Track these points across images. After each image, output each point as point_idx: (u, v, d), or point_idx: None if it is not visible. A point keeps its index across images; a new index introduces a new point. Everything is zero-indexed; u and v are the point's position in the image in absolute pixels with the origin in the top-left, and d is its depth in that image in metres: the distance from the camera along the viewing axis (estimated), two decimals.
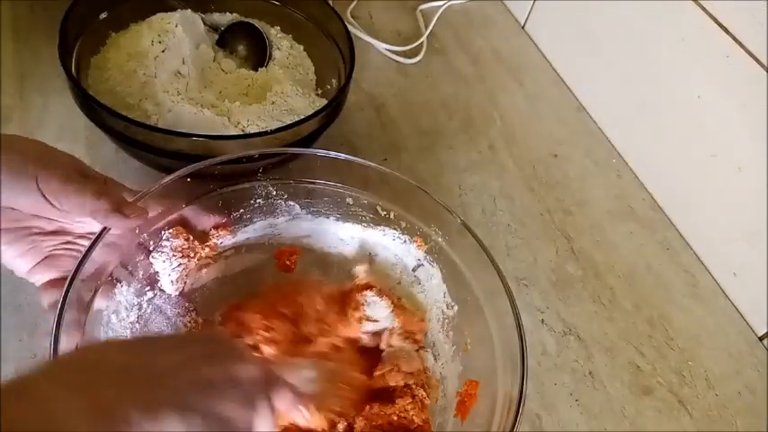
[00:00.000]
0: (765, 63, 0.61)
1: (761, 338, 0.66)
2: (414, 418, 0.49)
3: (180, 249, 0.50)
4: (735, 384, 0.62)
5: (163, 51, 0.67)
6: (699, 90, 0.69)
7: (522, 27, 0.97)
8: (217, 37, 0.76)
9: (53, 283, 0.45)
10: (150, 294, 0.50)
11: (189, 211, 0.51)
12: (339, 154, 0.54)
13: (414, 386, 0.51)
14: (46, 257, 0.45)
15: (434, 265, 0.55)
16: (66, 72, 0.59)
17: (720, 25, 0.65)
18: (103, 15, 0.68)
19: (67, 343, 0.40)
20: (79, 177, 0.43)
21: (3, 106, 0.68)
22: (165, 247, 0.50)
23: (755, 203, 0.64)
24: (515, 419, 0.42)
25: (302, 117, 0.63)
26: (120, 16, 0.70)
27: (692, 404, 0.60)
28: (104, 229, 0.44)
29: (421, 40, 0.90)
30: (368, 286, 0.54)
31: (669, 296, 0.68)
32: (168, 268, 0.50)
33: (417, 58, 0.88)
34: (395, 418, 0.49)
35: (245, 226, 0.55)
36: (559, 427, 0.56)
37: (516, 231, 0.70)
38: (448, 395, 0.52)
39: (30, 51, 0.74)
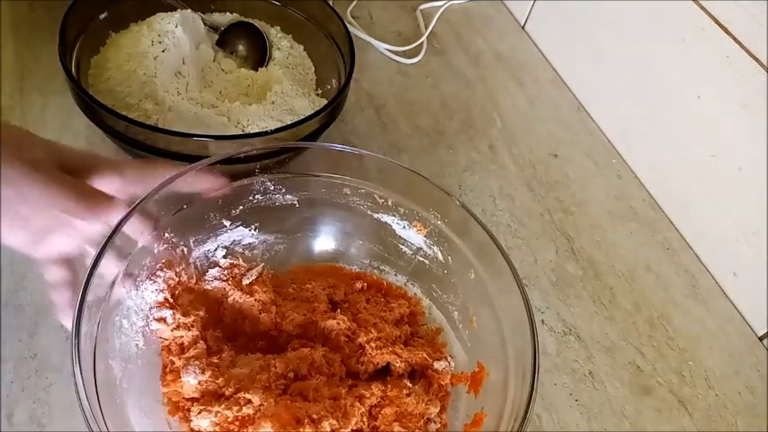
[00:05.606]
0: (765, 63, 0.61)
1: (761, 338, 0.66)
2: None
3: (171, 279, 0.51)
4: (735, 384, 0.62)
5: (163, 51, 0.67)
6: (699, 90, 0.69)
7: (522, 27, 0.97)
8: (217, 37, 0.76)
9: (56, 261, 0.45)
10: None
11: (189, 178, 0.49)
12: (334, 145, 0.54)
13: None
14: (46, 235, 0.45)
15: (435, 247, 0.56)
16: (67, 72, 0.59)
17: (720, 25, 0.65)
18: (103, 15, 0.68)
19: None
20: (47, 176, 0.42)
21: (3, 106, 0.68)
22: (160, 277, 0.50)
23: (755, 203, 0.64)
24: (530, 399, 0.43)
25: (302, 117, 0.63)
26: (120, 16, 0.70)
27: (692, 404, 0.60)
28: (112, 233, 0.44)
29: (421, 40, 0.90)
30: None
31: (669, 296, 0.68)
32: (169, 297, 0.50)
33: (417, 58, 0.88)
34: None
35: None
36: (559, 427, 0.56)
37: (516, 231, 0.70)
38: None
39: (30, 51, 0.74)
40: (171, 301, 0.50)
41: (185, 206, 0.51)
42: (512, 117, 0.83)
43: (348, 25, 0.72)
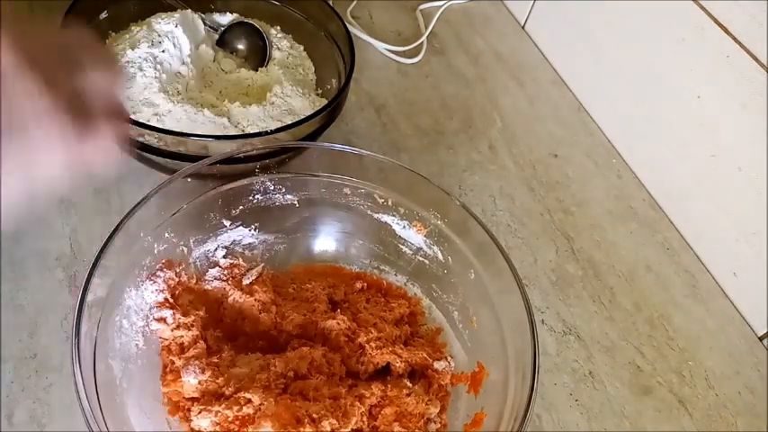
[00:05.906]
0: (765, 63, 0.61)
1: (761, 338, 0.66)
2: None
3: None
4: (735, 384, 0.62)
5: (163, 51, 0.67)
6: (699, 90, 0.69)
7: (522, 27, 0.97)
8: (217, 37, 0.76)
9: None
10: None
11: None
12: (334, 145, 0.54)
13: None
14: None
15: (435, 247, 0.56)
16: None
17: (720, 25, 0.65)
18: (103, 15, 0.68)
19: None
20: None
21: None
22: (160, 277, 0.50)
23: (755, 203, 0.64)
24: (530, 399, 0.43)
25: (302, 117, 0.63)
26: (120, 16, 0.70)
27: (692, 404, 0.60)
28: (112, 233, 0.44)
29: (421, 40, 0.90)
30: None
31: (669, 296, 0.68)
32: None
33: (417, 58, 0.88)
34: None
35: None
36: (559, 427, 0.56)
37: (516, 231, 0.70)
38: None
39: None
40: (171, 301, 0.50)
41: (185, 206, 0.51)
42: (512, 117, 0.83)
43: (348, 25, 0.72)
